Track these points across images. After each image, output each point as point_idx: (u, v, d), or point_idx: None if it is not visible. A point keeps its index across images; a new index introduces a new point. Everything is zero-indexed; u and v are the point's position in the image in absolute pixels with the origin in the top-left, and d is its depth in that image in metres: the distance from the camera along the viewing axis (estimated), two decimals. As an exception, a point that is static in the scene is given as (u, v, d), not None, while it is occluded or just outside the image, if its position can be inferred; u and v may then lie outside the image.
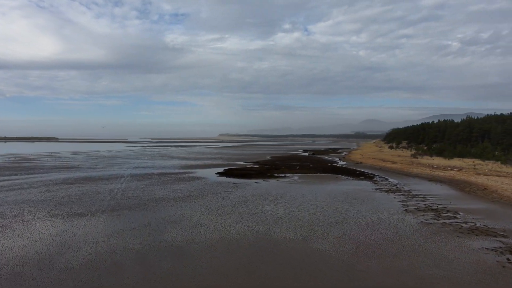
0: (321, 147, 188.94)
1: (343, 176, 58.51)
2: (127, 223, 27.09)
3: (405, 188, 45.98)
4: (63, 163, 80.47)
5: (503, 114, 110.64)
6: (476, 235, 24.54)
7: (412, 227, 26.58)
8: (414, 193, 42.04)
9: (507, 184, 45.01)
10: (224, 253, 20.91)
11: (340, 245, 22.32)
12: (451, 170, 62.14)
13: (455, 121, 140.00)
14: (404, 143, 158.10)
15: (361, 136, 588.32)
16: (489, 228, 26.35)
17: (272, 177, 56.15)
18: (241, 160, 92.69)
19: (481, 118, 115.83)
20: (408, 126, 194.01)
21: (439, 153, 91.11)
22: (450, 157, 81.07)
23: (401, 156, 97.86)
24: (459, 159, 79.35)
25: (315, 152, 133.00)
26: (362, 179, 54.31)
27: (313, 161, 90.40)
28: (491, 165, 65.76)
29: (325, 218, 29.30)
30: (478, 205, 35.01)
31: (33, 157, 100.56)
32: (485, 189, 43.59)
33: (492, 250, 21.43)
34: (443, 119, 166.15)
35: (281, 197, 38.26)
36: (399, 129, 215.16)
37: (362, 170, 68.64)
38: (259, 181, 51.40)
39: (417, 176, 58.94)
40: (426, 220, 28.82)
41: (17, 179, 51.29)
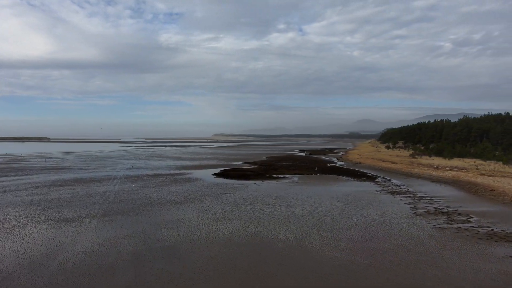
0: (317, 147, 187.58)
1: (344, 177, 56.85)
2: (120, 230, 25.04)
3: (410, 189, 44.41)
4: (53, 164, 77.84)
5: (501, 114, 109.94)
6: (495, 241, 22.92)
7: (426, 233, 24.89)
8: (420, 195, 40.47)
9: (515, 185, 43.63)
10: (227, 265, 18.99)
11: (352, 254, 20.51)
12: (454, 170, 60.80)
13: (451, 121, 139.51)
14: (400, 143, 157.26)
15: (355, 136, 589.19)
16: (507, 233, 24.75)
17: (271, 178, 54.29)
18: (238, 160, 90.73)
19: (479, 118, 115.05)
20: (403, 126, 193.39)
21: (438, 153, 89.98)
22: (450, 157, 79.89)
23: (400, 156, 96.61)
24: (459, 159, 78.19)
25: (312, 152, 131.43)
26: (364, 180, 52.68)
27: (311, 161, 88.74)
28: (493, 166, 64.59)
29: (332, 223, 27.51)
30: (489, 207, 33.49)
31: (22, 157, 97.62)
32: (492, 190, 42.19)
33: (517, 258, 19.79)
34: (436, 119, 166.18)
35: (282, 200, 36.41)
36: (395, 129, 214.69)
37: (362, 170, 67.07)
38: (258, 182, 49.52)
39: (419, 177, 57.48)
40: (439, 224, 27.17)
41: (3, 181, 48.82)
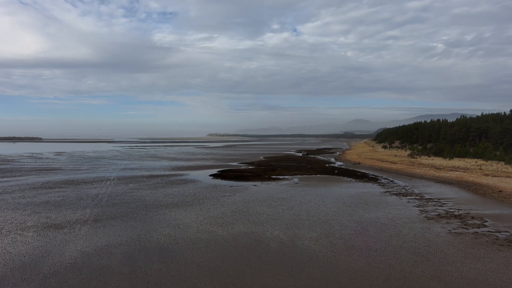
0: (313, 147, 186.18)
1: (345, 178, 55.23)
2: (112, 237, 23.03)
3: (415, 191, 42.89)
4: (44, 164, 75.23)
5: (499, 113, 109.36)
6: (519, 248, 21.32)
7: (442, 239, 23.24)
8: (427, 196, 38.94)
9: (523, 186, 42.33)
10: (232, 279, 17.12)
11: (368, 264, 18.76)
12: (456, 171, 59.50)
13: (446, 121, 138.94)
14: (397, 143, 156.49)
15: (350, 136, 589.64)
16: (529, 239, 23.20)
17: (270, 179, 52.48)
18: (234, 160, 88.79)
19: (477, 117, 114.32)
20: (400, 126, 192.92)
21: (437, 153, 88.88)
22: (450, 157, 78.73)
23: (398, 156, 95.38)
24: (460, 159, 77.06)
25: (309, 152, 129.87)
26: (366, 181, 51.09)
27: (309, 161, 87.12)
28: (495, 166, 63.43)
29: (341, 228, 25.76)
30: (502, 210, 32.01)
31: (12, 158, 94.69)
32: (500, 191, 40.81)
33: (548, 268, 18.19)
34: (429, 119, 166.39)
35: (285, 203, 34.61)
36: (391, 128, 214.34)
37: (362, 171, 65.54)
38: (257, 183, 47.67)
39: (422, 177, 56.06)
40: (454, 229, 25.56)
41: (-10, 183, 46.40)
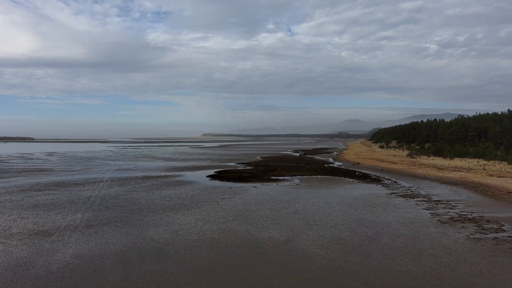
0: (310, 147, 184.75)
1: (347, 178, 53.63)
2: (105, 246, 21.05)
3: (421, 192, 41.37)
4: (34, 165, 72.66)
5: (496, 113, 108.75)
6: (547, 256, 19.75)
7: (462, 245, 21.61)
8: (434, 198, 37.42)
9: (532, 187, 41.02)
10: (240, 293, 15.30)
11: (388, 276, 17.04)
12: (460, 171, 58.22)
13: (443, 121, 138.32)
14: (393, 143, 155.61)
15: (344, 136, 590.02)
16: (555, 245, 21.66)
17: (270, 180, 50.69)
18: (231, 161, 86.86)
19: (475, 116, 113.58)
20: (395, 125, 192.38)
21: (437, 153, 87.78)
22: (450, 157, 77.59)
23: (397, 156, 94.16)
24: (461, 159, 75.94)
25: (306, 152, 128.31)
26: (369, 182, 49.51)
27: (308, 161, 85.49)
28: (498, 166, 62.29)
29: (352, 234, 24.03)
30: (516, 213, 30.54)
31: (1, 158, 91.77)
32: (510, 192, 39.43)
33: None
34: (422, 119, 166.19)
35: (289, 206, 32.82)
36: (387, 128, 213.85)
37: (363, 171, 64.03)
38: (257, 185, 45.85)
39: (425, 178, 54.65)
40: (471, 234, 23.96)
41: (-25, 185, 44.01)
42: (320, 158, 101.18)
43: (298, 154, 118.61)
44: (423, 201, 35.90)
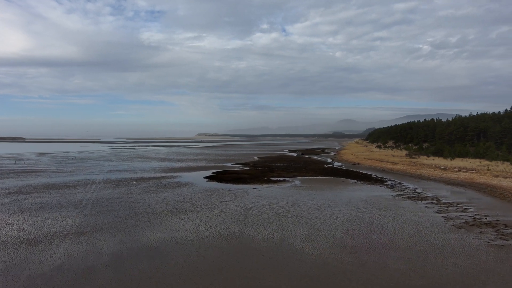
0: (306, 147, 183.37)
1: (349, 179, 52.03)
2: (97, 256, 19.09)
3: (428, 194, 39.86)
4: (24, 166, 70.12)
5: (494, 112, 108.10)
6: None
7: (486, 253, 19.99)
8: (443, 200, 35.90)
9: (542, 188, 39.69)
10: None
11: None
12: (463, 171, 56.91)
13: (440, 120, 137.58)
14: (390, 143, 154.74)
15: (339, 135, 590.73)
16: None
17: (270, 181, 48.90)
18: (228, 161, 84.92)
19: (474, 116, 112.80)
20: (392, 125, 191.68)
21: (437, 153, 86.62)
22: (451, 157, 76.41)
23: (396, 156, 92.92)
24: (462, 159, 74.78)
25: (303, 152, 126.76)
26: (372, 183, 47.94)
27: (306, 162, 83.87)
28: (502, 166, 61.11)
29: (365, 240, 22.31)
30: (532, 216, 29.06)
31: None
32: (520, 194, 38.05)
33: None
34: (416, 119, 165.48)
35: (293, 209, 31.05)
36: (383, 128, 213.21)
37: (364, 172, 62.52)
38: (257, 187, 44.03)
39: (429, 179, 53.24)
40: (492, 240, 22.38)
41: (-40, 188, 41.63)
42: (318, 158, 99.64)
43: (295, 154, 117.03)
44: (432, 203, 34.35)
